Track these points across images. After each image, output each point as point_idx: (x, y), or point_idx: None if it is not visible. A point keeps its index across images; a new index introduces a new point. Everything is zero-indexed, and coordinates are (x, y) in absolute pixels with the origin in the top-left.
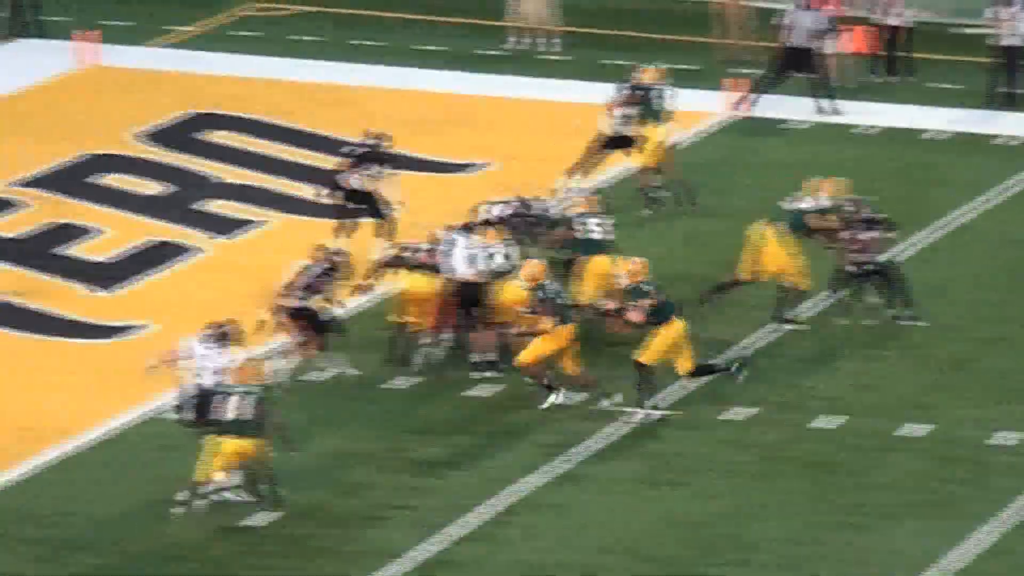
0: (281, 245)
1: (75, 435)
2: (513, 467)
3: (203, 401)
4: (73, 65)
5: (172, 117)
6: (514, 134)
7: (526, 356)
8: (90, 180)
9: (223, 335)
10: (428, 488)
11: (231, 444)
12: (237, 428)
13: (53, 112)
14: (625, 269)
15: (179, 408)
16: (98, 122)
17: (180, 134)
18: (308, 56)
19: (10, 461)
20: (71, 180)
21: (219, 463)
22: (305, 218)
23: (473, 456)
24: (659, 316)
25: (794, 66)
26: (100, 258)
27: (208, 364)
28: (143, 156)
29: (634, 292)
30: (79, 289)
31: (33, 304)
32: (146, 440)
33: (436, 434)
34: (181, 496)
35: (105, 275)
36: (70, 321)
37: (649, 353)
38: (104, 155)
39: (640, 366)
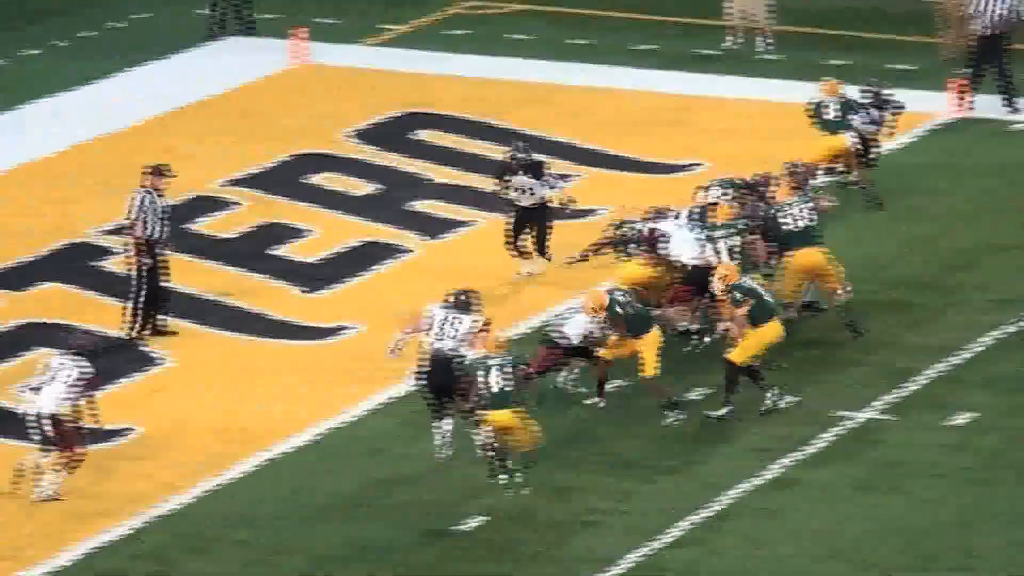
0: (490, 246)
1: (284, 438)
2: (727, 471)
3: (445, 369)
4: (284, 64)
5: (383, 116)
6: (727, 135)
7: (738, 355)
8: (300, 180)
9: (466, 302)
10: (640, 492)
11: (498, 416)
12: (501, 400)
13: (263, 111)
14: (718, 275)
15: (421, 376)
16: (309, 121)
17: (391, 133)
18: (520, 55)
19: (219, 464)
20: (281, 180)
21: (491, 438)
22: None
23: (686, 460)
24: (756, 317)
25: (986, 57)
26: (310, 259)
27: (450, 330)
28: (353, 155)
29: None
30: (289, 290)
31: (243, 305)
32: (354, 443)
33: (647, 437)
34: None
35: (315, 276)
36: (280, 322)
37: (741, 353)
38: (314, 154)
39: (731, 366)
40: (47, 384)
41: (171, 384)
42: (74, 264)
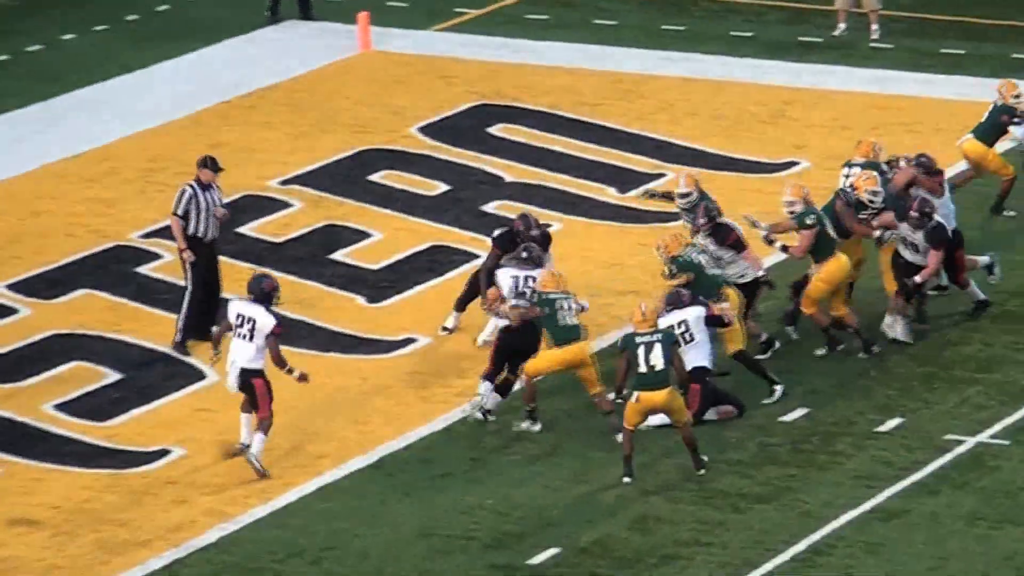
0: (569, 250)
1: (341, 461)
2: (825, 501)
3: (530, 331)
4: (346, 51)
5: (456, 109)
6: (833, 131)
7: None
8: (364, 178)
9: (536, 256)
10: (728, 523)
11: (654, 397)
12: (657, 380)
13: (323, 102)
14: (659, 243)
15: (500, 335)
16: (373, 114)
17: (464, 128)
18: (607, 42)
19: (269, 490)
20: (343, 178)
21: (633, 418)
22: (597, 222)
23: (781, 487)
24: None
25: None
26: (373, 265)
27: (527, 290)
28: (422, 152)
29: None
30: (349, 299)
31: (298, 315)
32: (419, 467)
33: (739, 463)
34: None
35: (378, 283)
36: (339, 334)
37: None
38: (380, 150)
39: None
40: (238, 338)
41: (216, 401)
42: (114, 270)
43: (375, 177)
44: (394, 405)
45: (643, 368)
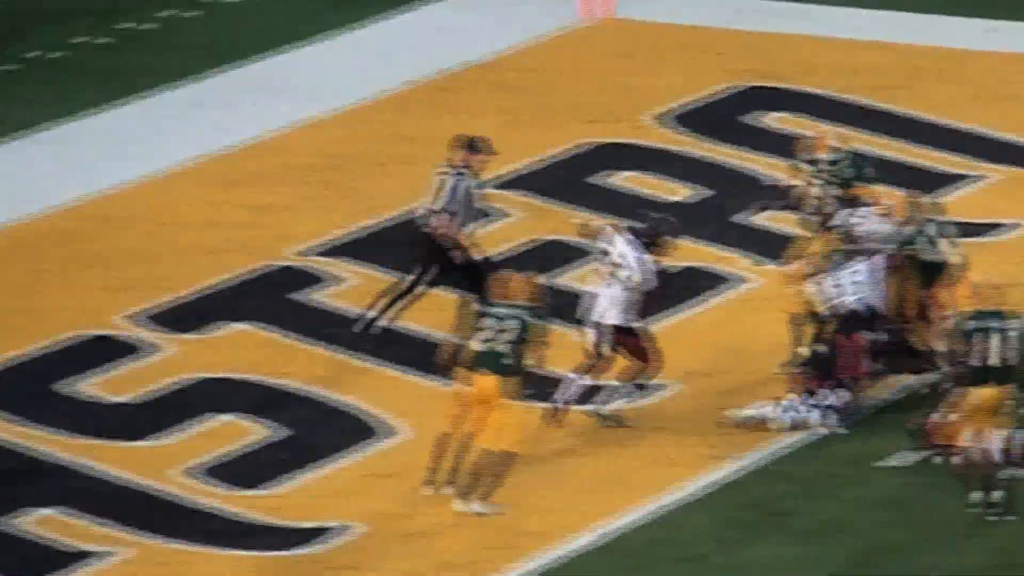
0: None
1: (563, 537)
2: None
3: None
4: (572, 18)
5: (710, 92)
6: None
7: None
8: (590, 179)
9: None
10: None
11: (987, 395)
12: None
13: (541, 84)
14: None
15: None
16: (608, 98)
17: (721, 116)
18: (912, 8)
19: (472, 573)
20: (566, 179)
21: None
22: None
23: None
24: None
25: None
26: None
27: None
28: (667, 147)
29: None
30: (563, 334)
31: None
32: (661, 546)
33: None
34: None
35: None
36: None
37: None
38: (613, 144)
39: None
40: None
41: (402, 464)
42: (271, 297)
43: (607, 179)
44: (629, 468)
45: (979, 361)
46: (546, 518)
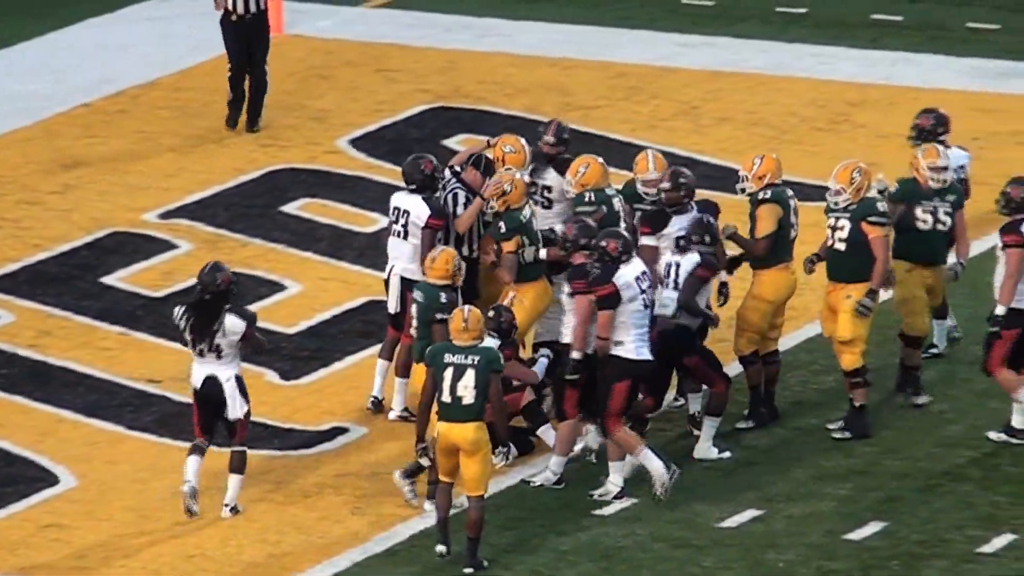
0: None
1: None
2: None
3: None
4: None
5: (400, 114)
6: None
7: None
8: (276, 209)
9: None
10: None
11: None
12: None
13: (220, 106)
14: None
15: None
16: (289, 121)
17: (412, 140)
18: (608, 23)
19: None
20: (247, 209)
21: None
22: None
23: None
24: None
25: None
26: (289, 328)
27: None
28: (356, 173)
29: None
30: (257, 375)
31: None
32: None
33: None
34: None
35: (296, 353)
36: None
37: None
38: (297, 170)
39: None
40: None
41: (70, 515)
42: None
43: (291, 208)
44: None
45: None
46: None
